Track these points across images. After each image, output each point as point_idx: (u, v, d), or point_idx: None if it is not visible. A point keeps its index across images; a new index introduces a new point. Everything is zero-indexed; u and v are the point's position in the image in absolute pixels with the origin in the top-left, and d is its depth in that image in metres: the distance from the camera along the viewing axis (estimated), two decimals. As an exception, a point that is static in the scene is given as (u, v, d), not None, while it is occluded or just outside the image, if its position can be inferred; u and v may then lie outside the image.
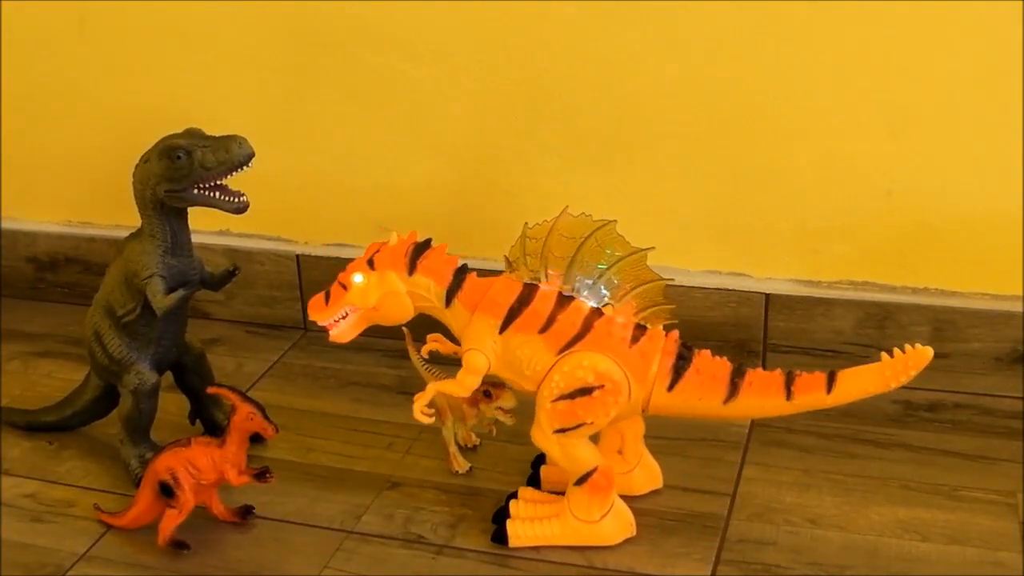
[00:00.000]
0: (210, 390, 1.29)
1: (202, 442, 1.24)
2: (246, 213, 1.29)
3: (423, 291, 1.20)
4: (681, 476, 1.33)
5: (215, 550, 1.25)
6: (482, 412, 1.31)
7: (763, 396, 1.16)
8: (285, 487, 1.34)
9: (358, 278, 1.20)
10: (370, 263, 1.21)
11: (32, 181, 1.80)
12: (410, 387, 1.25)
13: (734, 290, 1.52)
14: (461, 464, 1.35)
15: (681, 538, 1.24)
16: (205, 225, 1.61)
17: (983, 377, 1.45)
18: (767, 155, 1.46)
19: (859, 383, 1.14)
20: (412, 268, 1.20)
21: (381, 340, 1.59)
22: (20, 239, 1.82)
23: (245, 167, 1.26)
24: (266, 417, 1.23)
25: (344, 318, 1.22)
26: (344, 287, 1.21)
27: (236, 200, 1.28)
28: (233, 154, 1.25)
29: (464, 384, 1.20)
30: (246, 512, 1.29)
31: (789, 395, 1.15)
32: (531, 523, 1.23)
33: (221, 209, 1.28)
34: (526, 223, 1.21)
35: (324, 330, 1.23)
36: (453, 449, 1.35)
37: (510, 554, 1.22)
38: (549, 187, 1.55)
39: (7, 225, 1.83)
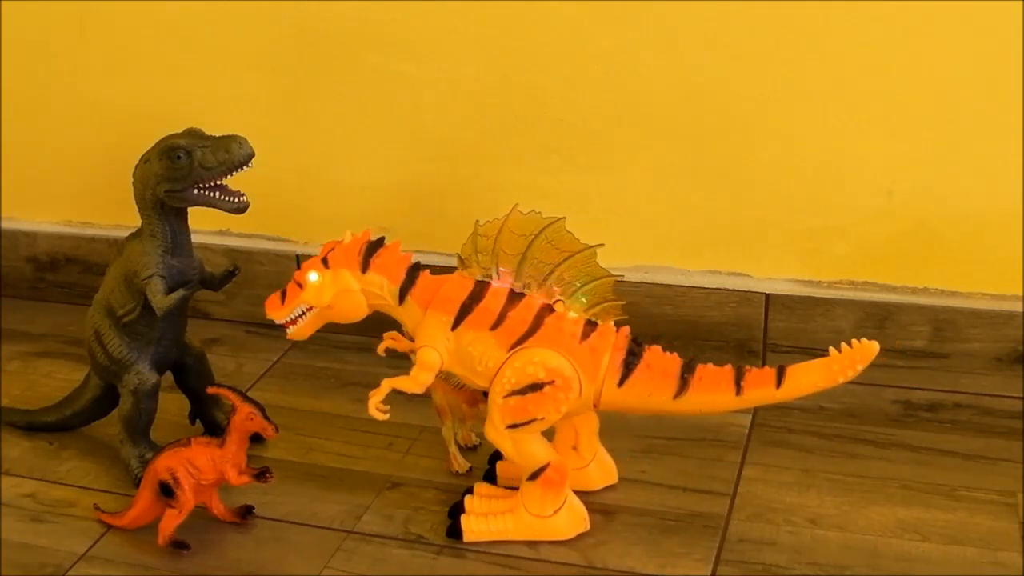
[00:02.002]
0: (210, 390, 1.29)
1: (202, 442, 1.24)
2: (246, 213, 1.29)
3: (376, 289, 1.21)
4: (681, 476, 1.33)
5: (215, 550, 1.25)
6: (480, 412, 1.32)
7: (713, 391, 1.17)
8: (285, 487, 1.34)
9: (313, 276, 1.22)
10: (324, 262, 1.22)
11: (32, 181, 1.80)
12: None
13: (734, 290, 1.52)
14: (461, 464, 1.35)
15: (681, 538, 1.24)
16: (205, 225, 1.61)
17: (983, 377, 1.45)
18: (768, 155, 1.46)
19: (808, 378, 1.15)
20: (365, 266, 1.21)
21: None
22: (20, 239, 1.82)
23: (245, 167, 1.26)
24: (266, 417, 1.23)
25: (301, 316, 1.23)
26: (300, 286, 1.22)
27: (236, 200, 1.28)
28: (233, 154, 1.25)
29: (417, 380, 1.21)
30: (246, 512, 1.29)
31: (739, 390, 1.16)
32: (485, 518, 1.24)
33: (221, 209, 1.28)
34: (477, 220, 1.22)
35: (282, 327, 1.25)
36: (453, 449, 1.35)
37: (509, 554, 1.22)
38: (549, 186, 1.55)
39: (7, 225, 1.83)
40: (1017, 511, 1.26)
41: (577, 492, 1.26)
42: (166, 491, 1.23)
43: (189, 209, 1.31)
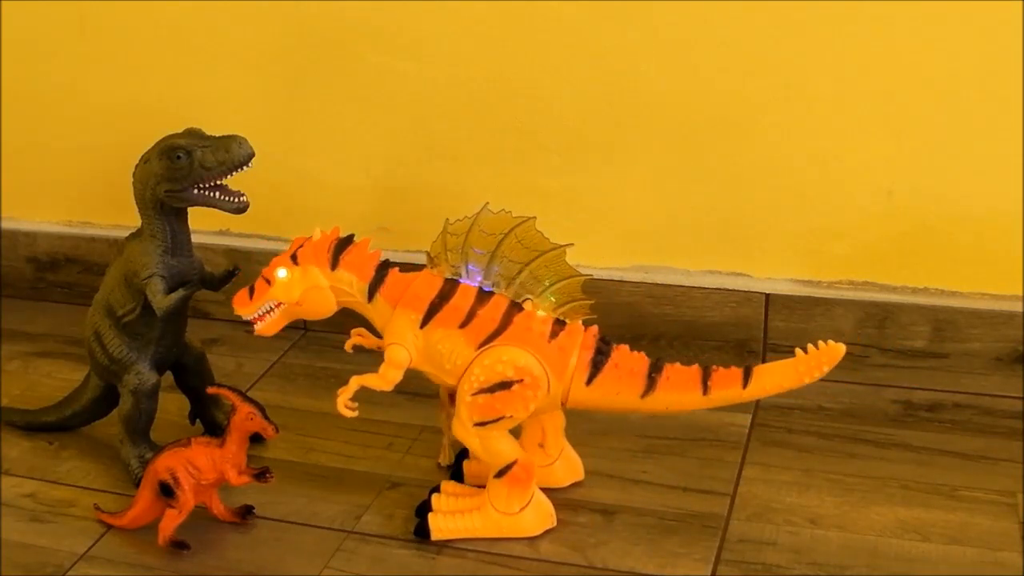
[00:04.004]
0: (210, 390, 1.29)
1: (202, 442, 1.24)
2: (246, 213, 1.29)
3: (345, 286, 1.22)
4: (681, 476, 1.33)
5: (215, 550, 1.25)
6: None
7: (680, 391, 1.17)
8: (285, 487, 1.34)
9: (281, 273, 1.22)
10: (293, 258, 1.22)
11: (32, 181, 1.80)
12: (409, 387, 1.25)
13: (734, 290, 1.52)
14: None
15: (681, 538, 1.24)
16: (205, 225, 1.61)
17: (983, 377, 1.45)
18: (767, 155, 1.46)
19: (774, 378, 1.16)
20: (335, 263, 1.21)
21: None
22: (20, 239, 1.82)
23: (245, 167, 1.26)
24: (266, 417, 1.23)
25: (269, 312, 1.23)
26: (268, 282, 1.22)
27: (236, 200, 1.28)
28: (233, 154, 1.25)
29: (386, 378, 1.22)
30: (246, 512, 1.29)
31: (706, 390, 1.17)
32: (452, 516, 1.24)
33: (221, 209, 1.28)
34: (447, 219, 1.22)
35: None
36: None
37: (509, 554, 1.22)
38: (550, 187, 1.55)
39: (7, 225, 1.83)
40: (1017, 511, 1.26)
41: (544, 489, 1.27)
42: (166, 491, 1.23)
43: (189, 209, 1.31)
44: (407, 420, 1.45)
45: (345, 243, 1.23)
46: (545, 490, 1.27)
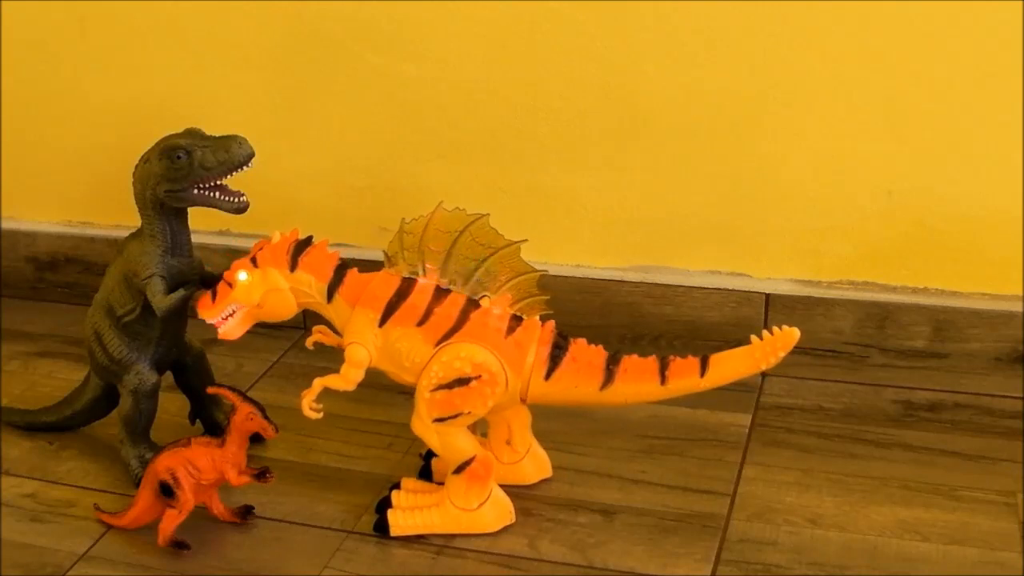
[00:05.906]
0: (210, 390, 1.29)
1: (202, 442, 1.24)
2: (246, 213, 1.29)
3: (305, 287, 1.22)
4: (681, 476, 1.34)
5: (215, 550, 1.25)
6: None
7: (638, 382, 1.18)
8: (285, 487, 1.34)
9: (242, 276, 1.22)
10: (253, 261, 1.23)
11: (32, 181, 1.80)
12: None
13: (734, 290, 1.52)
14: None
15: (681, 538, 1.24)
16: (205, 225, 1.61)
17: (983, 377, 1.45)
18: (767, 155, 1.46)
19: (731, 366, 1.18)
20: (294, 265, 1.22)
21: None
22: (20, 239, 1.82)
23: (245, 167, 1.26)
24: (266, 417, 1.23)
25: (231, 315, 1.24)
26: (230, 285, 1.23)
27: (236, 200, 1.29)
28: (233, 154, 1.25)
29: (347, 377, 1.22)
30: (246, 512, 1.29)
31: (663, 380, 1.18)
32: (411, 512, 1.25)
33: (221, 209, 1.28)
34: (403, 218, 1.23)
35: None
36: None
37: (509, 553, 1.22)
38: (550, 187, 1.55)
39: (7, 225, 1.83)
40: (1017, 511, 1.26)
41: (513, 486, 1.27)
42: (166, 491, 1.23)
43: (189, 209, 1.31)
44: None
45: (304, 245, 1.23)
46: (515, 487, 1.28)
